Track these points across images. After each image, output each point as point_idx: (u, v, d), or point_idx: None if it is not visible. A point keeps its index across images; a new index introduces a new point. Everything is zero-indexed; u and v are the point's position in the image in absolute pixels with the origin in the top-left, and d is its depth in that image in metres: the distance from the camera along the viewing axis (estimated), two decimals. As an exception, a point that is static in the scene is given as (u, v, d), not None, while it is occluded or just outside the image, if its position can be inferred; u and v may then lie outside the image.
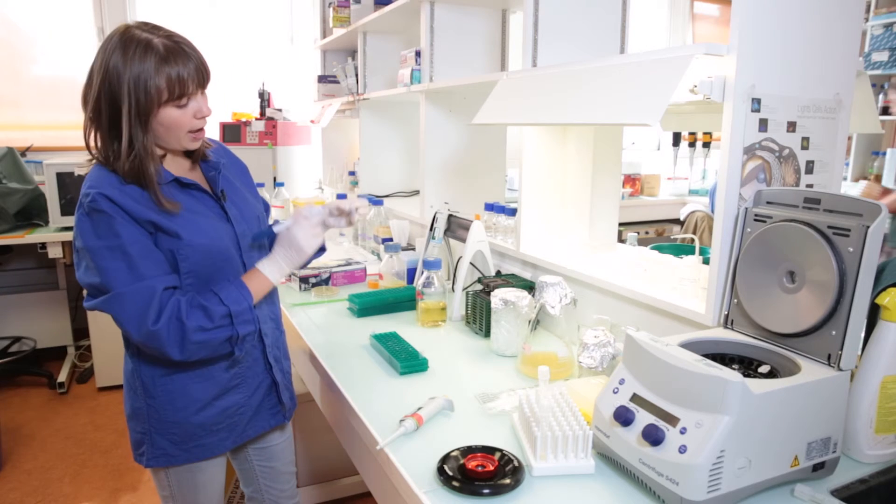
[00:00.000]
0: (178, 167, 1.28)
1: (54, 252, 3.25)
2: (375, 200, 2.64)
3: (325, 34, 3.67)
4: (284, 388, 1.44)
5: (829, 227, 0.98)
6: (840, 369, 0.96)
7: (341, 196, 3.02)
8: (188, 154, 1.30)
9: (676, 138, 4.61)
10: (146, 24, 1.17)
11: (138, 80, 1.10)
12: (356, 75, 3.10)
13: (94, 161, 1.21)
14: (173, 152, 1.26)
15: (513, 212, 1.92)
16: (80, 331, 3.80)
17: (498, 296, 1.50)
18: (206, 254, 1.22)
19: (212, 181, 1.30)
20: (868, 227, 0.93)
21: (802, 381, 0.92)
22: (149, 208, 1.16)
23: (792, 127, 1.20)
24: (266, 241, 1.37)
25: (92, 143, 1.19)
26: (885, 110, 4.01)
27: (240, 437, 1.37)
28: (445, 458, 1.02)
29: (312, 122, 3.78)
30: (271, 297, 1.42)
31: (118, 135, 1.14)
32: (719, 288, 1.19)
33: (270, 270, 1.29)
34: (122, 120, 1.12)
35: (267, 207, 1.55)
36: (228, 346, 1.22)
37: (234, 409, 1.34)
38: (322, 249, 1.40)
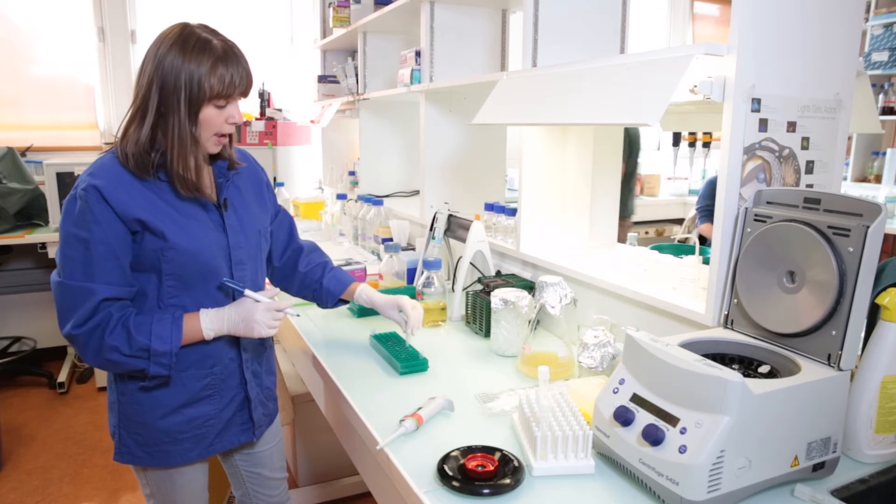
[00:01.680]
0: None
1: (54, 252, 3.24)
2: (376, 200, 2.64)
3: (325, 34, 3.67)
4: (258, 405, 1.39)
5: (829, 227, 0.98)
6: (840, 369, 0.96)
7: (341, 196, 3.03)
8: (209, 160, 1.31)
9: (676, 138, 4.61)
10: (205, 26, 1.22)
11: (194, 74, 1.14)
12: (356, 75, 3.10)
13: (108, 147, 1.22)
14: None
15: (513, 212, 1.92)
16: (80, 331, 3.79)
17: (498, 296, 1.50)
18: (190, 259, 1.21)
19: (218, 188, 1.30)
20: (868, 227, 0.93)
21: (802, 381, 0.92)
22: (140, 206, 1.16)
23: (792, 127, 1.20)
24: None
25: (127, 132, 1.19)
26: (886, 110, 4.01)
27: (206, 451, 1.33)
28: (445, 458, 1.02)
29: (312, 122, 3.78)
30: None
31: (163, 124, 1.17)
32: (719, 288, 1.19)
33: (207, 324, 1.23)
34: (172, 110, 1.16)
35: (291, 221, 1.57)
36: (142, 375, 1.20)
37: (203, 421, 1.30)
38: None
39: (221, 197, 1.29)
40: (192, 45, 1.15)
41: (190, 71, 1.14)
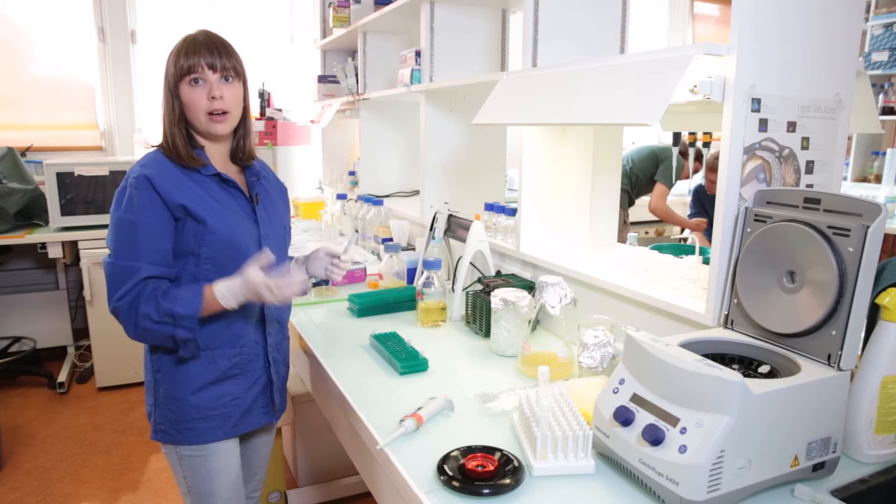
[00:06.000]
0: (222, 167, 1.39)
1: (54, 252, 3.25)
2: (376, 200, 2.64)
3: (325, 34, 3.67)
4: (278, 390, 1.49)
5: (829, 227, 0.98)
6: (840, 369, 0.96)
7: (341, 196, 3.02)
8: (234, 160, 1.44)
9: (676, 138, 4.60)
10: (205, 30, 1.36)
11: (169, 60, 1.31)
12: (356, 75, 3.10)
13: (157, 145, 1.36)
14: (210, 138, 1.36)
15: (513, 212, 1.92)
16: (80, 331, 3.79)
17: (498, 296, 1.50)
18: (225, 243, 1.31)
19: (250, 186, 1.43)
20: (868, 227, 0.93)
21: (802, 381, 0.92)
22: (184, 193, 1.28)
23: (792, 127, 1.20)
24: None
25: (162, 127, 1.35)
26: (886, 110, 4.01)
27: (232, 430, 1.41)
28: (445, 458, 1.02)
29: (312, 122, 3.78)
30: None
31: (166, 108, 1.33)
32: (719, 288, 1.19)
33: (222, 293, 1.26)
34: (165, 97, 1.32)
35: (289, 240, 1.62)
36: (173, 343, 1.27)
37: (230, 399, 1.39)
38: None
39: (253, 193, 1.41)
40: (179, 42, 1.31)
41: (169, 61, 1.31)
